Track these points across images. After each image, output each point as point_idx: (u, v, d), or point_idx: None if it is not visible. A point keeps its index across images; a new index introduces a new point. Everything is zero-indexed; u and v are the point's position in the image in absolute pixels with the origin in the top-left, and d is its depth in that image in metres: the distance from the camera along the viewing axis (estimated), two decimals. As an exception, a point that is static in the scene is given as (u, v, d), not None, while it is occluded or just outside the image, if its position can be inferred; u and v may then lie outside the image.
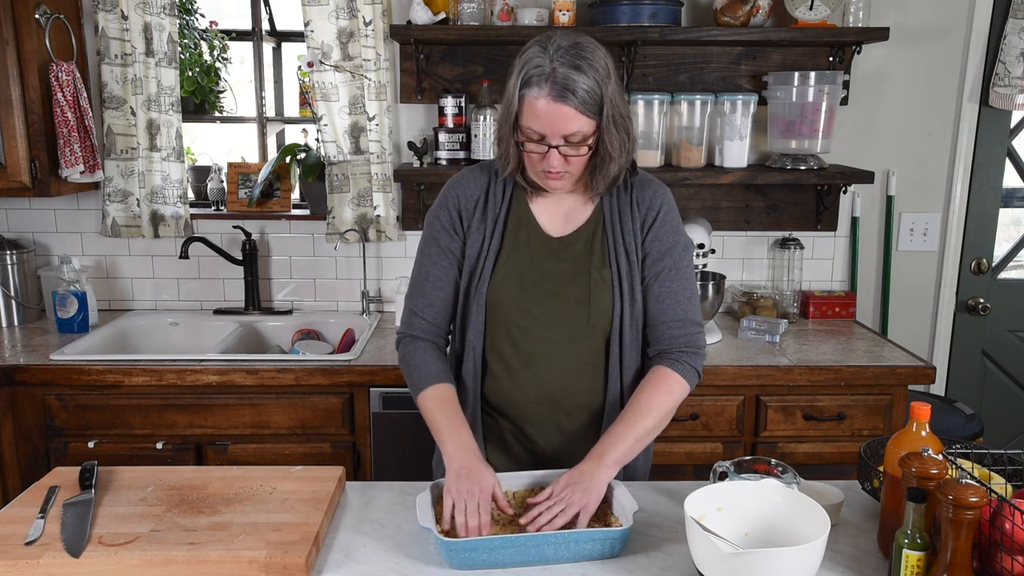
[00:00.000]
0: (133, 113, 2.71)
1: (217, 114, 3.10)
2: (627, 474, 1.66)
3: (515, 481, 1.50)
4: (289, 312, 2.92)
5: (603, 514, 1.42)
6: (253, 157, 3.05)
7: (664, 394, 1.53)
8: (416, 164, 2.75)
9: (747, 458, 1.52)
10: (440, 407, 1.53)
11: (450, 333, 1.67)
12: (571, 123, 1.42)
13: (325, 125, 2.74)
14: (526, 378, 1.58)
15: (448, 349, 1.69)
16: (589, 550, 1.32)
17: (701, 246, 2.64)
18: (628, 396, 1.58)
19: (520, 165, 1.53)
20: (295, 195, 2.99)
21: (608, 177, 1.52)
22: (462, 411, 1.54)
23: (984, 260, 3.03)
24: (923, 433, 1.30)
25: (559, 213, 1.60)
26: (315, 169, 2.81)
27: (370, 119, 2.73)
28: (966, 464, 1.38)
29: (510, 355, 1.59)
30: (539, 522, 1.33)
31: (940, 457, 1.22)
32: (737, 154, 2.72)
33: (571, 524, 1.35)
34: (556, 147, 1.44)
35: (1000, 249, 3.08)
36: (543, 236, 1.59)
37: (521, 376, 1.59)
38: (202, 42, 3.01)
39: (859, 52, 2.75)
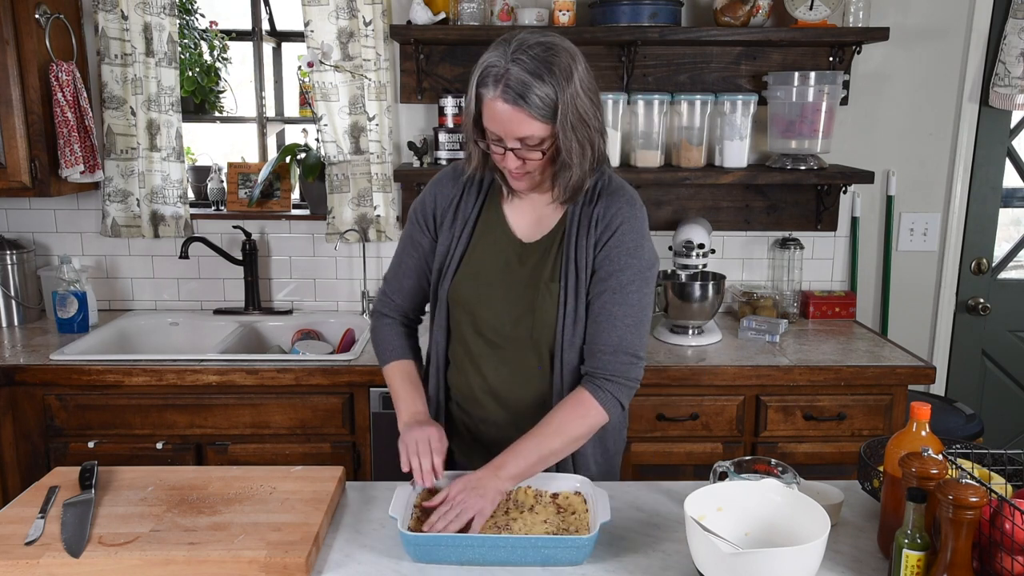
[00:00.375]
0: (133, 113, 2.71)
1: (217, 114, 3.10)
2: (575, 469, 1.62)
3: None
4: (289, 312, 2.92)
5: (581, 523, 1.41)
6: (253, 157, 3.05)
7: (579, 418, 1.48)
8: (416, 164, 2.75)
9: (747, 458, 1.52)
10: (399, 380, 1.62)
11: (420, 315, 1.74)
12: (523, 127, 1.39)
13: (325, 125, 2.74)
14: (478, 376, 1.60)
15: (420, 328, 1.76)
16: (553, 556, 1.31)
17: (701, 246, 2.65)
18: None
19: (483, 164, 1.54)
20: (295, 195, 2.99)
21: (568, 184, 1.48)
22: (420, 383, 1.63)
23: (984, 260, 3.03)
24: (923, 433, 1.30)
25: (532, 217, 1.59)
26: (315, 169, 2.81)
27: (370, 119, 2.73)
28: (966, 464, 1.38)
29: (463, 356, 1.62)
30: (436, 527, 1.34)
31: (940, 457, 1.22)
32: (737, 154, 2.72)
33: (466, 528, 1.35)
34: (512, 149, 1.43)
35: (1000, 249, 3.08)
36: (512, 239, 1.58)
37: (473, 378, 1.61)
38: (202, 42, 3.01)
39: (859, 52, 2.75)
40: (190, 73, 2.96)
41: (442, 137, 2.68)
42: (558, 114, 1.39)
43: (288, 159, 2.87)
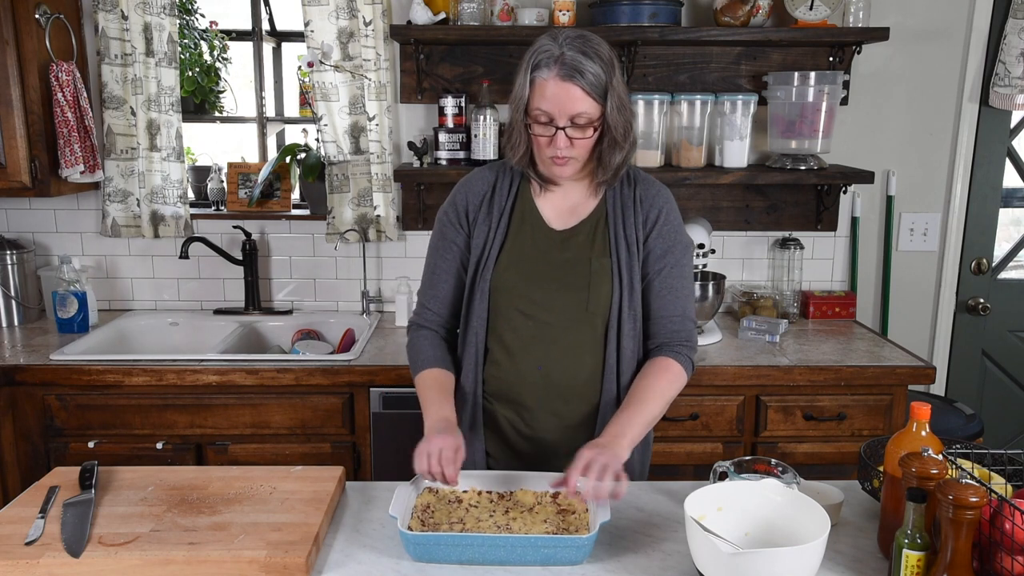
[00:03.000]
0: (133, 113, 2.71)
1: (217, 114, 3.10)
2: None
3: (485, 481, 1.52)
4: (289, 312, 2.92)
5: (581, 523, 1.41)
6: (253, 157, 3.05)
7: (668, 382, 1.58)
8: (416, 164, 2.75)
9: (747, 458, 1.52)
10: (429, 388, 1.60)
11: (457, 323, 1.71)
12: (578, 104, 1.48)
13: (325, 125, 2.74)
14: (526, 364, 1.61)
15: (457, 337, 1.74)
16: (553, 555, 1.31)
17: (701, 246, 2.64)
18: (626, 384, 1.62)
19: (529, 152, 1.58)
20: (295, 195, 2.99)
21: (613, 163, 1.57)
22: (451, 393, 1.61)
23: (984, 260, 3.03)
24: (923, 433, 1.30)
25: (564, 207, 1.65)
26: (315, 169, 2.81)
27: (370, 119, 2.73)
28: (966, 464, 1.38)
29: (511, 340, 1.62)
30: (589, 488, 1.34)
31: (940, 457, 1.22)
32: (737, 154, 2.72)
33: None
34: (563, 128, 1.49)
35: (1000, 249, 3.08)
36: (546, 229, 1.63)
37: (521, 362, 1.62)
38: (202, 42, 3.01)
39: (859, 52, 2.75)
40: (190, 73, 2.96)
41: (442, 137, 2.68)
42: (608, 95, 1.49)
43: (288, 159, 2.87)
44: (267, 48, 3.04)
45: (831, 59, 2.79)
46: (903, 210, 2.97)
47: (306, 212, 2.92)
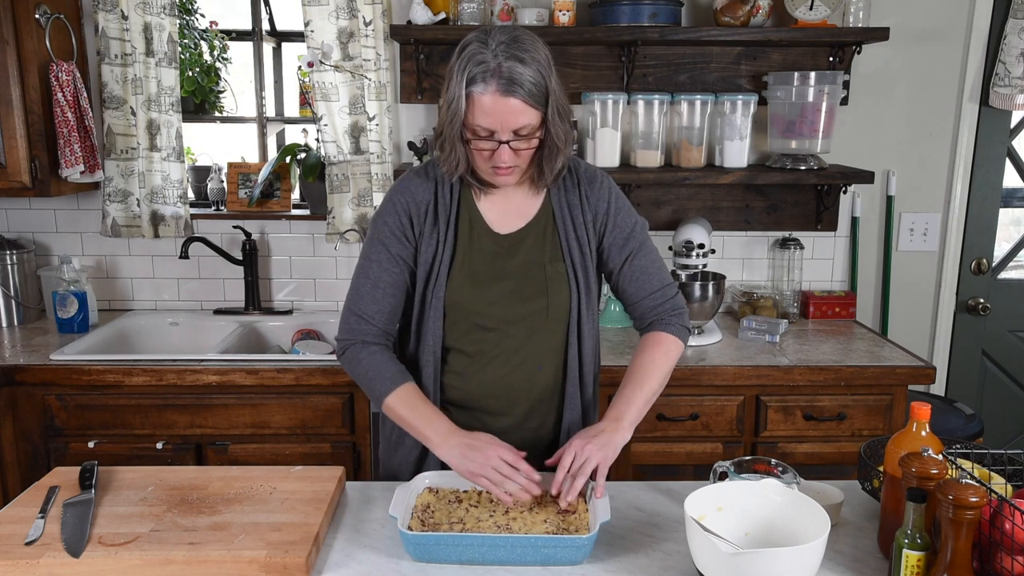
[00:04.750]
0: (133, 113, 2.71)
1: (217, 114, 3.10)
2: None
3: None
4: (289, 312, 2.92)
5: (581, 523, 1.41)
6: (253, 157, 3.05)
7: (663, 355, 1.60)
8: (416, 164, 2.75)
9: (747, 458, 1.52)
10: (411, 406, 1.54)
11: (394, 334, 1.66)
12: (519, 116, 1.43)
13: (325, 125, 2.74)
14: (485, 374, 1.60)
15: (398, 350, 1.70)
16: (553, 555, 1.31)
17: (701, 246, 2.65)
18: (585, 385, 1.65)
19: (469, 165, 1.53)
20: (295, 195, 2.99)
21: (554, 168, 1.54)
22: (430, 402, 1.57)
23: (984, 260, 3.03)
24: (923, 433, 1.30)
25: (509, 209, 1.61)
26: (315, 169, 2.81)
27: (370, 119, 2.73)
28: (966, 464, 1.38)
29: (471, 352, 1.60)
30: (558, 479, 1.40)
31: (940, 457, 1.22)
32: (737, 154, 2.72)
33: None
34: (506, 142, 1.45)
35: (1000, 249, 3.08)
36: (492, 235, 1.60)
37: (481, 372, 1.60)
38: (202, 42, 3.01)
39: (859, 52, 2.75)
40: (190, 73, 2.97)
41: (442, 137, 2.68)
42: (548, 99, 1.45)
43: (288, 159, 2.87)
44: (267, 48, 3.04)
45: (831, 59, 2.79)
46: (903, 210, 2.97)
47: (306, 212, 2.92)
